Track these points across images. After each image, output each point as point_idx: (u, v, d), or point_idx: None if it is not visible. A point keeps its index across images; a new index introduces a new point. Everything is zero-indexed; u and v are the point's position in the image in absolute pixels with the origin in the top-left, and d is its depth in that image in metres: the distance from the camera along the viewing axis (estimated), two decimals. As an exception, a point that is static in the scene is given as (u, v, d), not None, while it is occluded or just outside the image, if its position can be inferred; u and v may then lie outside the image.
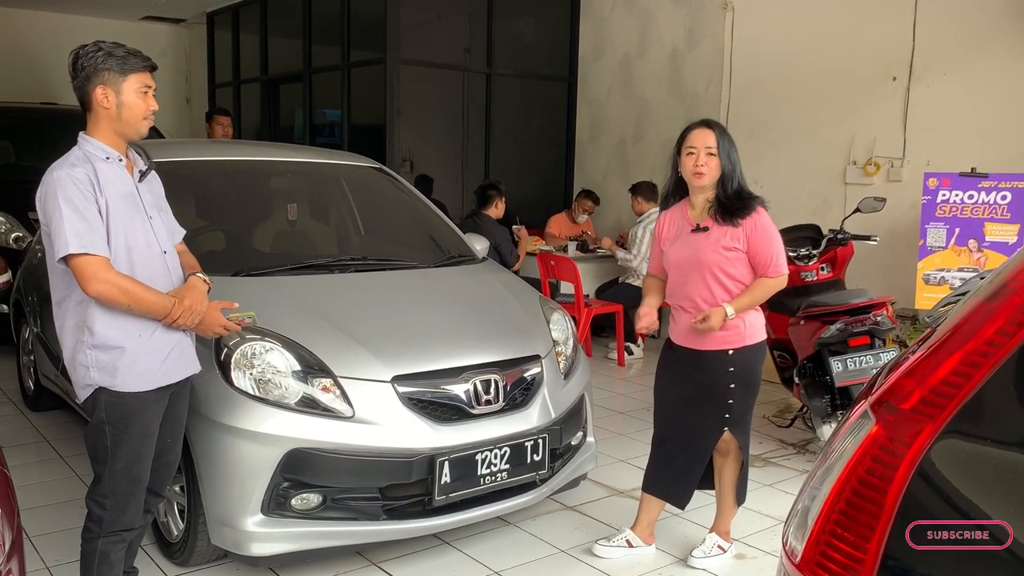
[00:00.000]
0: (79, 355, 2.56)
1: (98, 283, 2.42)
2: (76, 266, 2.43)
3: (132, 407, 2.58)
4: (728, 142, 3.23)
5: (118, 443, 2.59)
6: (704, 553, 3.45)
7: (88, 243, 2.42)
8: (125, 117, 2.55)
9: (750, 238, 3.18)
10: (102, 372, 2.54)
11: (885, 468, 1.20)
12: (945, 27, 6.05)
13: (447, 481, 3.16)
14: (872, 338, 4.47)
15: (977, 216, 5.42)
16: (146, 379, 2.59)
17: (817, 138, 6.84)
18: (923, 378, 1.25)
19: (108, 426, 2.58)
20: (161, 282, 2.62)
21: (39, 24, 10.65)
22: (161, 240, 2.68)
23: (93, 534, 2.66)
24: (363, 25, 8.44)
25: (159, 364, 2.62)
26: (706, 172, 3.18)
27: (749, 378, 3.27)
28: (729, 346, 3.21)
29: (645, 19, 8.20)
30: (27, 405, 5.30)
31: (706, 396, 3.27)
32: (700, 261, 3.20)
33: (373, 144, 8.02)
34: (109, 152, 2.57)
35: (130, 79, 2.54)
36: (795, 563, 1.28)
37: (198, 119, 11.53)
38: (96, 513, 2.64)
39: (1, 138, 7.87)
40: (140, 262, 2.57)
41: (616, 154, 8.64)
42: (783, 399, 5.88)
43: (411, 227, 4.84)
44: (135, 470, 2.64)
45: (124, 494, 2.64)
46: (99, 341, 2.52)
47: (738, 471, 3.42)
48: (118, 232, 2.52)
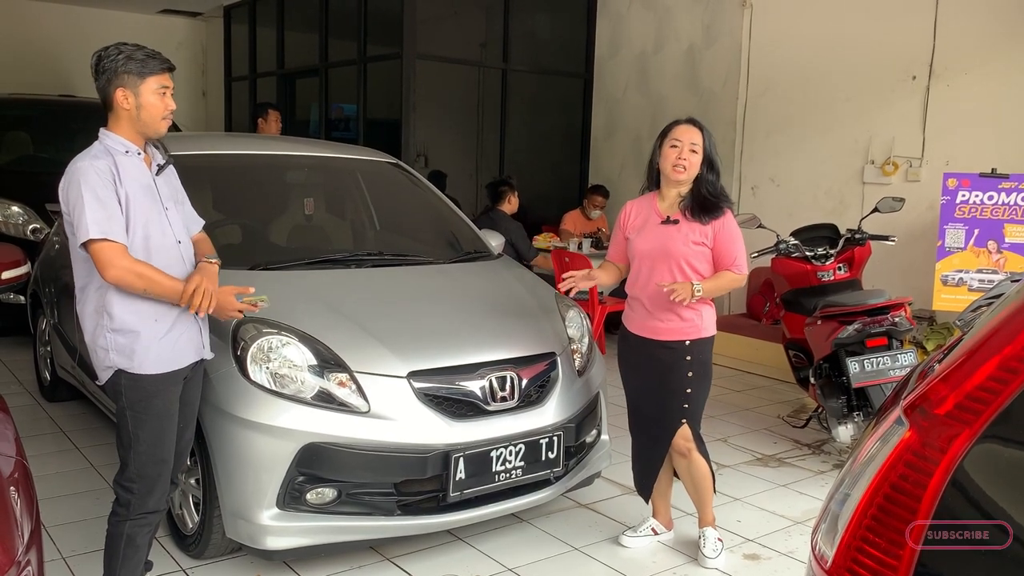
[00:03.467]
0: (99, 339, 2.66)
1: (115, 269, 2.53)
2: (95, 252, 2.54)
3: (150, 389, 2.68)
4: (712, 145, 3.32)
5: (140, 425, 2.69)
6: (715, 551, 3.45)
7: (107, 230, 2.53)
8: (144, 117, 2.66)
9: (717, 235, 3.27)
10: (120, 355, 2.64)
11: (919, 474, 1.18)
12: (966, 26, 5.99)
13: (462, 477, 3.16)
14: (890, 339, 4.43)
15: (997, 217, 5.37)
16: (161, 362, 2.69)
17: (835, 137, 6.79)
18: (958, 383, 1.22)
19: (129, 410, 2.68)
20: (176, 270, 2.73)
21: (58, 17, 10.69)
22: (176, 231, 2.78)
23: (120, 517, 2.74)
24: (380, 19, 8.43)
25: (173, 347, 2.72)
26: (687, 167, 3.26)
27: (704, 369, 3.36)
28: (686, 337, 3.30)
29: (662, 15, 8.16)
30: (44, 396, 5.32)
31: (666, 387, 3.34)
32: (668, 252, 3.28)
33: (388, 139, 8.01)
34: (128, 146, 2.68)
35: (148, 81, 2.64)
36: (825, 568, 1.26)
37: (215, 112, 11.58)
38: (124, 497, 2.73)
39: (19, 130, 7.90)
40: (156, 250, 2.68)
41: (632, 151, 8.60)
42: (798, 399, 5.84)
43: (427, 223, 4.83)
44: (159, 451, 2.73)
45: (151, 476, 2.73)
46: (118, 325, 2.63)
47: (706, 461, 3.44)
48: (136, 222, 2.63)
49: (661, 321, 3.30)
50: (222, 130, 11.03)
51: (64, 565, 3.26)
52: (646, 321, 3.35)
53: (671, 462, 3.50)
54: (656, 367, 3.36)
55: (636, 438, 3.56)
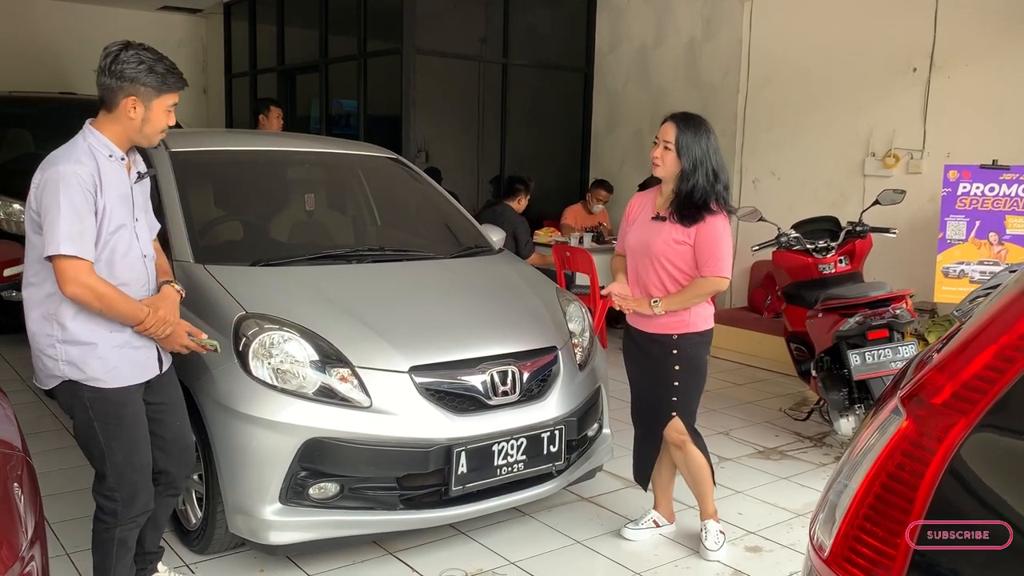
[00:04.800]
0: (47, 348, 2.58)
1: (77, 286, 2.45)
2: (60, 266, 2.45)
3: (117, 400, 2.61)
4: (693, 141, 3.22)
5: (112, 437, 2.62)
6: (716, 544, 3.46)
7: (79, 247, 2.44)
8: (146, 130, 2.60)
9: (699, 231, 3.25)
10: (72, 366, 2.57)
11: (916, 463, 1.19)
12: (967, 18, 5.98)
13: (464, 471, 3.17)
14: (891, 331, 4.43)
15: (998, 209, 5.36)
16: (120, 374, 2.61)
17: (836, 129, 6.78)
18: (955, 373, 1.23)
19: (97, 423, 2.60)
20: (139, 284, 2.66)
21: (58, 13, 10.67)
22: (143, 244, 2.71)
23: (109, 524, 2.69)
24: (379, 15, 8.42)
25: (129, 359, 2.64)
26: (660, 164, 3.27)
27: (693, 363, 3.36)
28: (674, 331, 3.32)
29: (662, 9, 8.14)
30: (45, 392, 5.32)
31: (655, 378, 3.39)
32: (650, 249, 3.31)
33: (389, 134, 8.01)
34: (113, 150, 2.60)
35: (164, 98, 2.58)
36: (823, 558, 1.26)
37: (215, 109, 11.57)
38: (108, 507, 2.68)
39: (20, 127, 7.91)
40: (121, 265, 2.60)
41: (632, 145, 8.59)
42: (799, 392, 5.85)
43: (428, 218, 4.84)
44: (136, 459, 2.67)
45: (131, 483, 2.67)
46: (70, 336, 2.55)
47: (702, 452, 3.44)
48: (108, 234, 2.54)
49: (651, 315, 3.33)
50: (223, 127, 11.03)
51: (68, 561, 3.27)
52: (636, 314, 3.40)
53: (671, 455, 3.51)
54: (648, 360, 3.40)
55: (635, 428, 3.61)
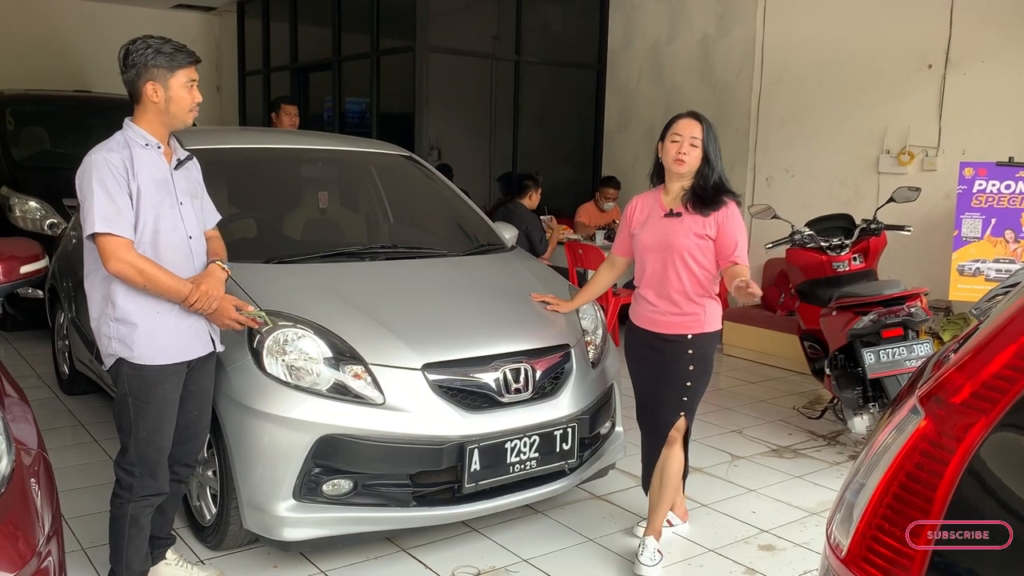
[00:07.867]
0: (103, 326, 2.73)
1: (117, 262, 2.60)
2: (100, 244, 2.61)
3: (150, 379, 2.74)
4: (713, 138, 3.31)
5: (140, 413, 2.75)
6: (652, 560, 3.30)
7: (113, 224, 2.58)
8: (173, 110, 2.71)
9: (721, 225, 3.24)
10: (121, 344, 2.71)
11: (934, 462, 1.18)
12: (983, 14, 5.93)
13: (476, 469, 3.17)
14: (905, 329, 4.41)
15: (1014, 206, 5.31)
16: (161, 353, 2.74)
17: (850, 127, 6.74)
18: (974, 372, 1.22)
19: (131, 398, 2.74)
20: (184, 266, 2.77)
21: (72, 12, 10.74)
22: (188, 226, 2.81)
23: (123, 499, 2.81)
24: (392, 12, 8.43)
25: (173, 341, 2.76)
26: (687, 160, 3.26)
27: (705, 363, 3.35)
28: (689, 331, 3.28)
29: (675, 6, 8.11)
30: (62, 389, 5.37)
31: (666, 379, 3.34)
32: (671, 245, 3.27)
33: (401, 132, 8.02)
34: (149, 139, 2.72)
35: (178, 75, 2.70)
36: (840, 558, 1.25)
37: (229, 107, 11.61)
38: (125, 480, 2.80)
39: (36, 126, 7.96)
40: (165, 245, 2.72)
41: (645, 142, 8.56)
42: (812, 390, 5.82)
43: (440, 215, 4.84)
44: (158, 439, 2.79)
45: (150, 461, 2.80)
46: (120, 314, 2.69)
47: (683, 458, 3.41)
48: (147, 216, 2.67)
49: (664, 315, 3.30)
50: (236, 125, 11.07)
51: (84, 556, 3.30)
52: (650, 315, 3.34)
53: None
54: (657, 359, 3.35)
55: (642, 434, 3.51)
